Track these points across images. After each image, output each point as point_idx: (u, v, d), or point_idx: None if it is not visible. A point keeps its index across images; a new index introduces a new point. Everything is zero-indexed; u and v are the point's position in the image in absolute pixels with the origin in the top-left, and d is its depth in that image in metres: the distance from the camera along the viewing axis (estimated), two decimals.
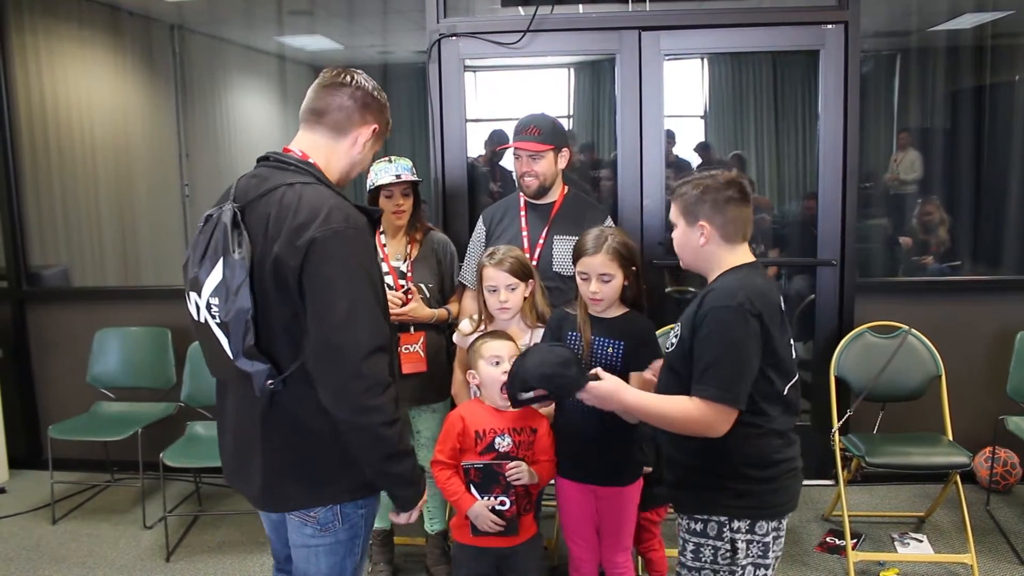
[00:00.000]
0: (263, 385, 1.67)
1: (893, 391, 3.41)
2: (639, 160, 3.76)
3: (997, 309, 3.79)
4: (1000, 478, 3.71)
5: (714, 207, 1.92)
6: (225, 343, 1.67)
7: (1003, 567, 3.13)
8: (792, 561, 3.21)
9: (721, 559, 1.90)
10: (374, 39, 4.64)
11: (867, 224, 4.19)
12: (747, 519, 1.89)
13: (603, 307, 2.37)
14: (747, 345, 1.82)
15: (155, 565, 3.33)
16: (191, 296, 1.72)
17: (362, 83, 1.80)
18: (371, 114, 1.81)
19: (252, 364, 1.65)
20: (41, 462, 4.05)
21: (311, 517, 1.79)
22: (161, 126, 4.66)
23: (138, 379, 3.99)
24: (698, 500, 1.94)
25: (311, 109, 1.80)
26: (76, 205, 4.45)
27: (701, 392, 1.82)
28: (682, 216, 1.97)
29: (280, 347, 1.68)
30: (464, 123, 3.82)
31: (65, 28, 4.37)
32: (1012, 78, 4.14)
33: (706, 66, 4.17)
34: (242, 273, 1.61)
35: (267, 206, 1.67)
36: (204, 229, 1.69)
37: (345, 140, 1.79)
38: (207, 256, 1.67)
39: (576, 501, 2.46)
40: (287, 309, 1.65)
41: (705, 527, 1.92)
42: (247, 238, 1.64)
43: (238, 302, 1.61)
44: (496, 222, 3.03)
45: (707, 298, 1.87)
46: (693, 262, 2.01)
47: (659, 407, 1.91)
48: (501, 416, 2.36)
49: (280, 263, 1.62)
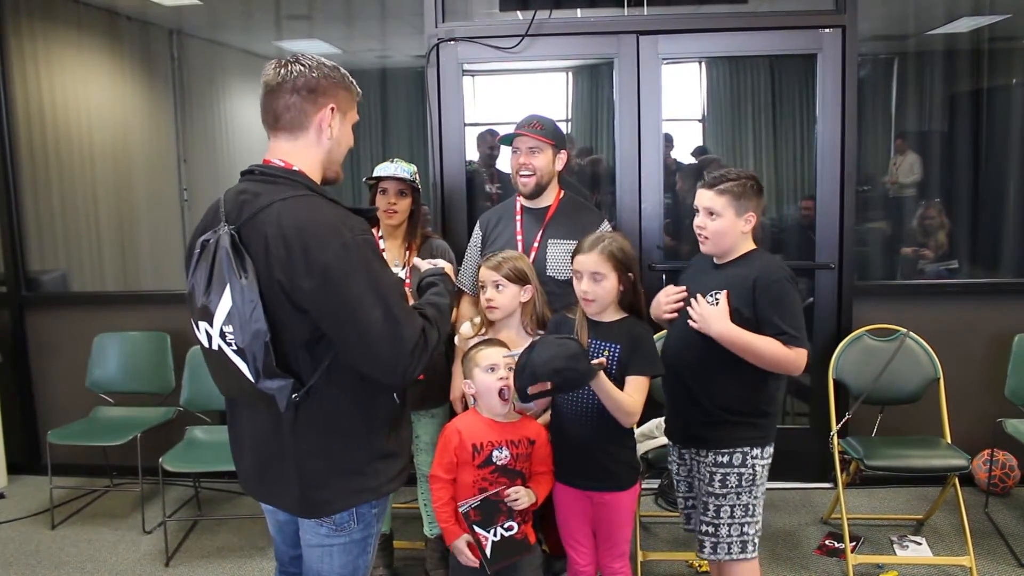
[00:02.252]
0: (286, 400, 1.66)
1: (892, 394, 3.42)
2: (637, 164, 3.76)
3: (995, 312, 3.80)
4: (999, 480, 3.71)
5: (758, 198, 2.31)
6: (244, 368, 1.65)
7: (1002, 569, 3.13)
8: (791, 564, 3.21)
9: (744, 482, 2.31)
10: (372, 44, 4.65)
11: (865, 227, 4.20)
12: (760, 446, 2.32)
13: (596, 309, 2.37)
14: (800, 303, 2.30)
15: (154, 570, 3.33)
16: (201, 325, 1.70)
17: (297, 71, 1.70)
18: (322, 96, 1.72)
19: (275, 383, 1.64)
20: (40, 467, 4.05)
21: (330, 518, 1.78)
22: (160, 131, 4.66)
23: (137, 384, 3.99)
24: (728, 436, 2.31)
25: (265, 119, 1.76)
26: (75, 210, 4.45)
27: (792, 341, 2.22)
28: (731, 206, 2.28)
29: (299, 361, 1.67)
30: (463, 127, 3.83)
31: (64, 33, 4.38)
32: (1009, 82, 4.15)
33: (704, 70, 4.18)
34: (253, 296, 1.59)
35: (263, 225, 1.63)
36: (203, 256, 1.66)
37: (307, 134, 1.74)
38: (213, 284, 1.64)
39: (572, 506, 2.46)
40: (305, 328, 1.65)
41: (731, 458, 2.31)
42: (251, 261, 1.61)
43: (253, 326, 1.59)
44: (492, 227, 3.04)
45: (761, 274, 2.26)
46: (727, 246, 2.34)
47: (758, 343, 2.23)
48: (498, 428, 2.35)
49: (294, 288, 1.60)
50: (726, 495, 2.31)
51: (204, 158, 4.78)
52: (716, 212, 2.29)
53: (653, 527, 3.55)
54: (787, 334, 2.22)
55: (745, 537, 2.32)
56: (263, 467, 1.81)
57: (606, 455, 2.38)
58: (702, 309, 2.27)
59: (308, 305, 1.62)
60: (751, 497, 2.32)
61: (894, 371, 3.38)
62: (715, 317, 2.25)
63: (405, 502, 3.60)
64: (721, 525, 2.32)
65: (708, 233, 2.32)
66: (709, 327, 2.25)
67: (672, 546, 3.39)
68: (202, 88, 4.70)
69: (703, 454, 2.36)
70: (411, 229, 2.98)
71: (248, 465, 1.86)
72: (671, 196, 4.08)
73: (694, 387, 2.35)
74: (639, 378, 2.31)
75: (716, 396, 2.32)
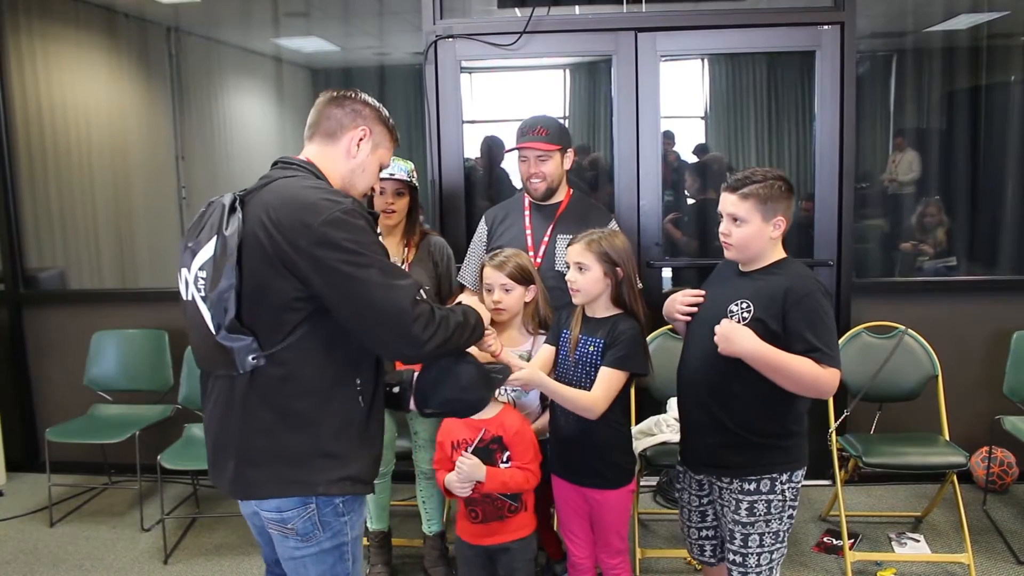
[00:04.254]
0: (245, 360, 1.69)
1: (890, 391, 3.41)
2: (635, 161, 3.76)
3: (993, 309, 3.80)
4: (997, 478, 3.72)
5: (787, 200, 2.12)
6: (208, 318, 1.70)
7: (1000, 566, 3.13)
8: (790, 561, 3.21)
9: (773, 510, 2.15)
10: (370, 41, 4.64)
11: (864, 224, 4.19)
12: (789, 471, 2.15)
13: (581, 299, 2.39)
14: (834, 319, 2.13)
15: (153, 568, 3.33)
16: (182, 272, 1.78)
17: (351, 94, 1.89)
18: (361, 119, 1.87)
19: (234, 339, 1.68)
20: (38, 465, 4.04)
21: (289, 529, 1.77)
22: (157, 128, 4.65)
23: (135, 381, 3.99)
24: (755, 461, 2.14)
25: (308, 124, 1.90)
26: (73, 208, 4.44)
27: (825, 360, 2.03)
28: (757, 211, 2.10)
29: (265, 325, 1.70)
30: (461, 125, 3.82)
31: (61, 30, 4.37)
32: (1007, 79, 4.15)
33: (706, 67, 4.17)
34: (231, 251, 1.66)
35: (267, 194, 1.73)
36: (205, 213, 1.77)
37: (339, 145, 1.86)
38: (203, 233, 1.74)
39: (567, 499, 2.48)
40: (289, 288, 1.68)
41: (758, 485, 2.14)
42: (240, 218, 1.69)
43: (223, 277, 1.66)
44: (499, 222, 3.03)
45: (793, 286, 2.07)
46: (753, 254, 2.16)
47: (793, 362, 2.03)
48: (472, 426, 2.36)
49: (291, 246, 1.65)
50: (755, 523, 2.15)
51: (202, 155, 4.77)
52: (741, 218, 2.11)
53: (651, 524, 3.56)
54: (820, 351, 2.03)
55: (773, 564, 2.19)
56: (216, 444, 1.82)
57: (596, 455, 2.38)
58: (726, 330, 2.06)
59: (302, 266, 1.65)
60: (781, 523, 2.17)
61: (892, 368, 3.37)
62: (742, 336, 2.03)
63: (403, 500, 3.60)
64: (750, 555, 2.17)
65: (732, 241, 2.14)
66: (736, 347, 2.03)
67: (670, 543, 3.39)
68: (199, 85, 4.68)
69: (726, 480, 2.19)
70: (409, 226, 2.99)
71: (210, 446, 1.86)
72: (671, 194, 4.08)
73: (715, 407, 2.17)
74: (609, 370, 2.29)
75: (740, 416, 2.14)
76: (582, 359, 2.37)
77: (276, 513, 1.77)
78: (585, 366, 2.36)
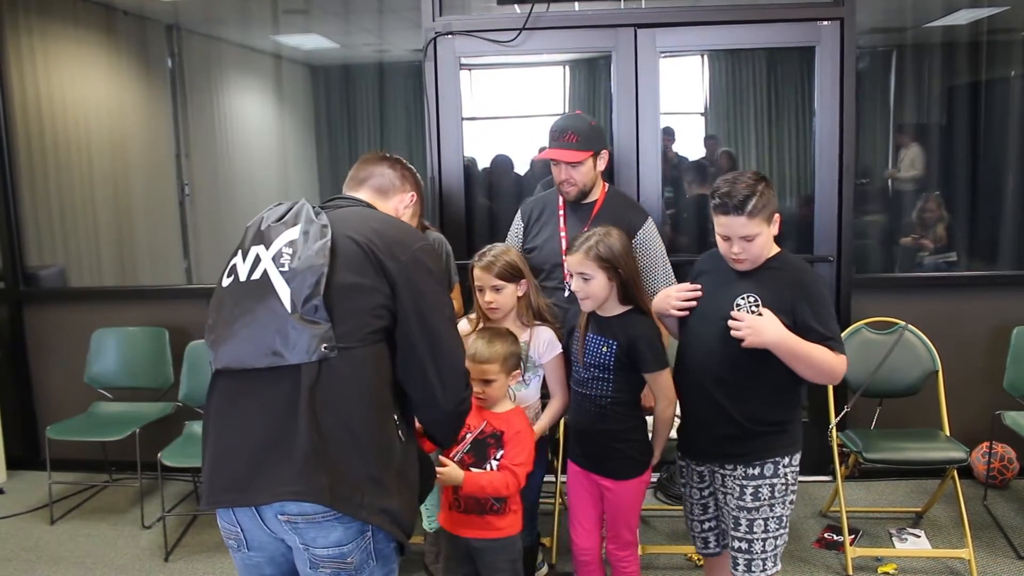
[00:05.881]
0: (316, 347, 1.56)
1: (890, 387, 3.42)
2: (635, 157, 3.76)
3: (994, 304, 3.80)
4: (997, 473, 3.72)
5: (775, 198, 2.16)
6: (285, 295, 1.58)
7: (1000, 562, 3.13)
8: (790, 557, 3.21)
9: (777, 493, 2.20)
10: (370, 37, 4.64)
11: (864, 220, 4.19)
12: (790, 454, 2.22)
13: (591, 305, 2.40)
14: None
15: (153, 565, 3.33)
16: (251, 251, 1.67)
17: (398, 158, 2.00)
18: (409, 184, 1.98)
19: (314, 320, 1.57)
20: (39, 463, 4.04)
21: (347, 564, 1.63)
22: (157, 126, 4.65)
23: (136, 379, 3.99)
24: (760, 448, 2.19)
25: (353, 178, 1.95)
26: (73, 205, 4.44)
27: (836, 347, 2.09)
28: (764, 221, 2.11)
29: (345, 322, 1.61)
30: (460, 121, 3.82)
31: (61, 28, 4.37)
32: (1008, 74, 4.14)
33: (706, 63, 4.17)
34: (325, 237, 1.63)
35: (346, 213, 1.77)
36: (278, 208, 1.74)
37: (388, 202, 1.93)
38: (285, 219, 1.69)
39: (580, 485, 2.51)
40: (379, 294, 1.66)
41: (762, 470, 2.19)
42: (327, 219, 1.69)
43: (317, 257, 1.60)
44: (534, 219, 3.02)
45: (797, 277, 2.15)
46: (761, 257, 2.17)
47: (815, 351, 2.07)
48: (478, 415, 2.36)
49: (389, 256, 1.67)
50: (759, 508, 2.19)
51: (203, 153, 4.77)
52: (753, 235, 2.11)
53: (653, 520, 3.56)
54: (832, 339, 2.08)
55: (777, 550, 2.22)
56: (258, 451, 1.60)
57: (610, 445, 2.40)
58: (753, 321, 2.06)
59: (397, 276, 1.67)
60: (784, 508, 2.22)
61: (893, 364, 3.38)
62: (767, 326, 2.05)
63: None
64: (755, 540, 2.20)
65: (747, 256, 2.14)
66: (765, 336, 2.04)
67: (671, 539, 3.40)
68: (200, 83, 4.68)
69: (729, 467, 2.23)
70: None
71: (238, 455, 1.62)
72: (671, 189, 4.08)
73: (723, 400, 2.18)
74: (653, 375, 2.36)
75: (751, 408, 2.17)
76: (594, 360, 2.38)
77: (335, 549, 1.61)
78: (598, 367, 2.37)
